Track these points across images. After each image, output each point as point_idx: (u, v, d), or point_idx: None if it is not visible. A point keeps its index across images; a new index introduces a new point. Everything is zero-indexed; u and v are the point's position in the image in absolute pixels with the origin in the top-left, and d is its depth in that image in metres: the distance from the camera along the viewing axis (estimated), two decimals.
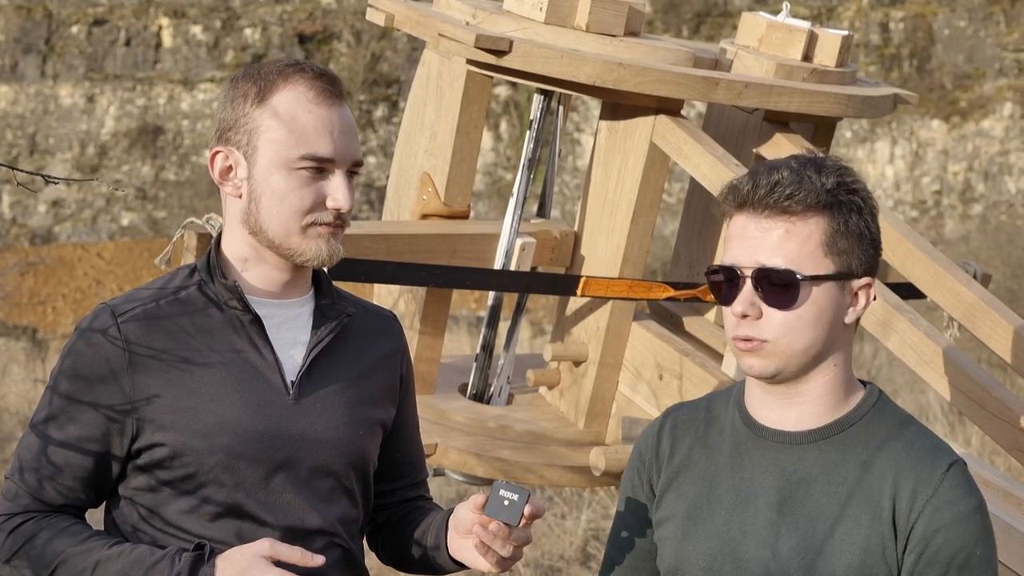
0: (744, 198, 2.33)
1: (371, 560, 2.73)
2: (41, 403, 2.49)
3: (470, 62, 3.85)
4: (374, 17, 4.03)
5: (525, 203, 3.99)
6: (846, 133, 28.76)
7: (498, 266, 3.96)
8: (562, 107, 4.11)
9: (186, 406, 2.43)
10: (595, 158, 4.01)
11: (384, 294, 4.07)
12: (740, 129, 4.23)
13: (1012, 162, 28.89)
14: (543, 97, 4.01)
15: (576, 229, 4.09)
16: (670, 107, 3.86)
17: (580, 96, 3.99)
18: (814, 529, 2.32)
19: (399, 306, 4.02)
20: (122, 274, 29.58)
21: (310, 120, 2.45)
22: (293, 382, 2.49)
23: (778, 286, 2.31)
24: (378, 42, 30.87)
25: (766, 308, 2.32)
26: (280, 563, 2.37)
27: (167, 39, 31.23)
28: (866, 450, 2.35)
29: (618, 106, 3.92)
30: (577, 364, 4.10)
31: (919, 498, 2.30)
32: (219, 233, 2.56)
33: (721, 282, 2.36)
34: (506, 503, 2.39)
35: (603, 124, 4.00)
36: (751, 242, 2.33)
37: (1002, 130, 29.01)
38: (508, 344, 4.15)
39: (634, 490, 2.51)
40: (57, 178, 2.54)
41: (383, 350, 2.62)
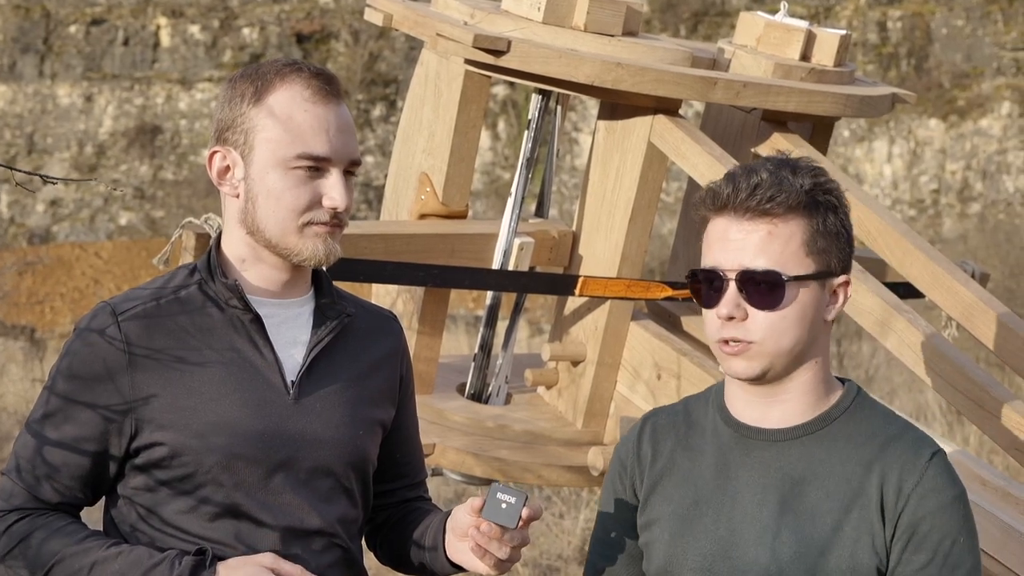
0: (725, 201, 2.34)
1: (370, 560, 2.72)
2: (38, 402, 2.48)
3: (468, 62, 3.85)
4: (372, 17, 4.02)
5: (523, 203, 3.99)
6: (844, 132, 28.77)
7: (496, 266, 3.95)
8: (560, 107, 4.11)
9: (185, 405, 2.43)
10: (593, 158, 4.01)
11: (382, 294, 4.07)
12: (738, 129, 4.23)
13: (1010, 161, 28.89)
14: (541, 97, 4.01)
15: (574, 229, 4.08)
16: (668, 107, 3.86)
17: (578, 96, 3.99)
18: (814, 528, 2.34)
19: (397, 306, 4.01)
20: (120, 274, 29.57)
21: (306, 119, 2.44)
22: (293, 382, 2.49)
23: (763, 287, 2.33)
24: (376, 42, 30.87)
25: (751, 310, 2.34)
26: None
27: (165, 39, 31.23)
28: (850, 444, 2.37)
29: (616, 106, 3.92)
30: (575, 364, 4.10)
31: (905, 486, 2.32)
32: (219, 233, 2.55)
33: (701, 285, 2.38)
34: (503, 506, 2.39)
35: (601, 124, 4.00)
36: (733, 244, 2.34)
37: (1000, 129, 29.01)
38: (506, 344, 4.15)
39: (616, 494, 2.52)
40: (55, 178, 2.54)
41: (383, 350, 2.62)
